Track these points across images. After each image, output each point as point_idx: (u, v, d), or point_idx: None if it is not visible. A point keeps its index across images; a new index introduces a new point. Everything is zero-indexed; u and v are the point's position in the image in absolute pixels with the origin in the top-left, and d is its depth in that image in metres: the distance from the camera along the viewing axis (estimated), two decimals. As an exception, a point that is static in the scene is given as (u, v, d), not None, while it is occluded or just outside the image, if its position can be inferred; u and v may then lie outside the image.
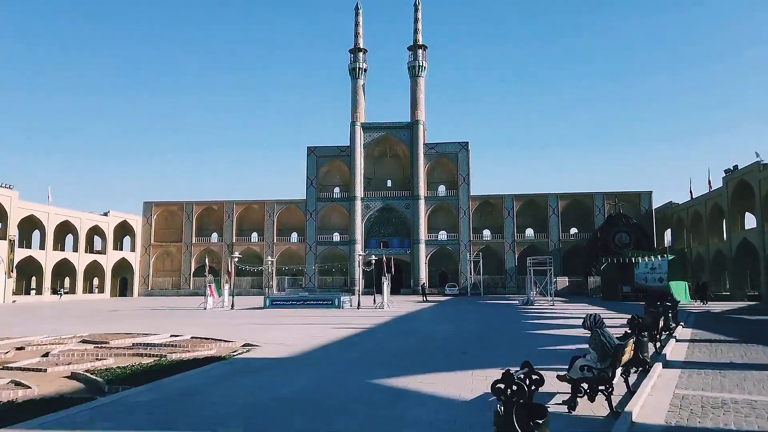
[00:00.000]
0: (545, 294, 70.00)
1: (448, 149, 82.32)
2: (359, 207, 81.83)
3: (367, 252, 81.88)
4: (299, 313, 35.16)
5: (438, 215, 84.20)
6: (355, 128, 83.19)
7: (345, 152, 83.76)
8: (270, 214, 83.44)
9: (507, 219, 79.66)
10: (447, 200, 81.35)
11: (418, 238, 79.91)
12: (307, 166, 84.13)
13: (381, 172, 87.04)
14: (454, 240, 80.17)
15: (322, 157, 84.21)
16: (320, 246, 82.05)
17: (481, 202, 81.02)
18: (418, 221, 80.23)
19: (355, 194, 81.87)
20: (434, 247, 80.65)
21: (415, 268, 79.46)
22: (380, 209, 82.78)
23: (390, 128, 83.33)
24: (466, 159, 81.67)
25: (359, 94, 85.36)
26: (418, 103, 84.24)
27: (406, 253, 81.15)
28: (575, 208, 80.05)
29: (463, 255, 78.89)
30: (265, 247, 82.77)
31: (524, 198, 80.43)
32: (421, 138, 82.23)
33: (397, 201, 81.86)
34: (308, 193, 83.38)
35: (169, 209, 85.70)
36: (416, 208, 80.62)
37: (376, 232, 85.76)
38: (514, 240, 79.08)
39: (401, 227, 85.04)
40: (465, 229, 79.85)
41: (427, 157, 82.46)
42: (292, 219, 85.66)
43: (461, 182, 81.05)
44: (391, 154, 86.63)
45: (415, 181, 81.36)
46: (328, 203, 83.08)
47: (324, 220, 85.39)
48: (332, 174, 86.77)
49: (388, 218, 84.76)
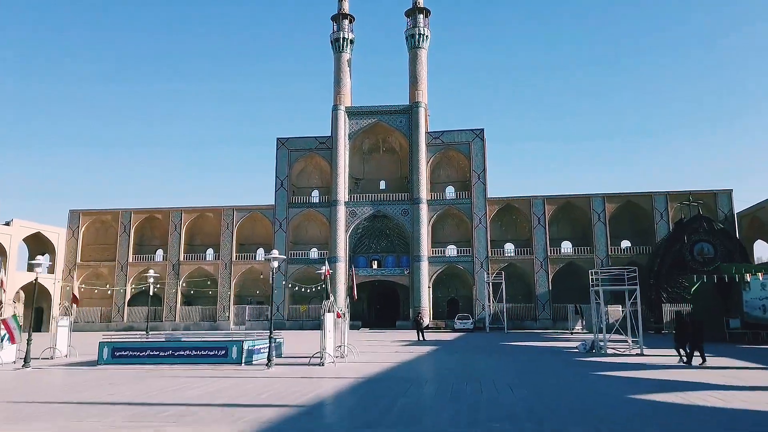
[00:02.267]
0: (586, 328, 51.37)
1: (457, 138, 64.58)
2: (342, 214, 63.98)
3: (354, 272, 63.76)
4: (149, 375, 17.50)
5: (445, 224, 66.08)
6: (337, 114, 65.85)
7: (325, 144, 66.31)
8: (228, 224, 65.81)
9: (536, 228, 61.31)
10: (457, 204, 63.28)
11: (419, 254, 61.73)
12: (277, 163, 66.71)
13: (372, 170, 69.40)
14: (467, 256, 61.86)
15: (297, 150, 66.80)
16: (292, 265, 64.09)
17: (501, 206, 62.84)
18: (419, 232, 62.14)
19: (337, 198, 64.11)
20: (441, 265, 62.32)
21: (415, 293, 61.12)
22: (370, 217, 64.86)
23: (383, 113, 65.90)
24: (482, 151, 63.83)
25: (344, 71, 68.26)
26: (419, 81, 66.90)
27: (403, 274, 62.92)
28: (628, 212, 61.61)
29: (479, 276, 60.50)
30: (221, 268, 64.94)
31: (559, 200, 62.17)
32: (423, 124, 64.66)
33: (392, 206, 63.94)
34: (277, 197, 65.78)
35: (101, 219, 68.40)
36: (417, 215, 62.63)
37: (366, 247, 67.71)
38: (547, 256, 60.61)
39: (398, 240, 66.95)
40: (481, 241, 61.61)
41: (431, 148, 64.74)
42: (258, 230, 67.98)
43: (475, 181, 63.09)
44: (384, 148, 69.04)
45: (415, 179, 63.53)
46: (303, 209, 65.36)
47: (298, 232, 67.58)
48: (309, 173, 69.20)
49: (380, 229, 66.75)
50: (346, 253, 63.63)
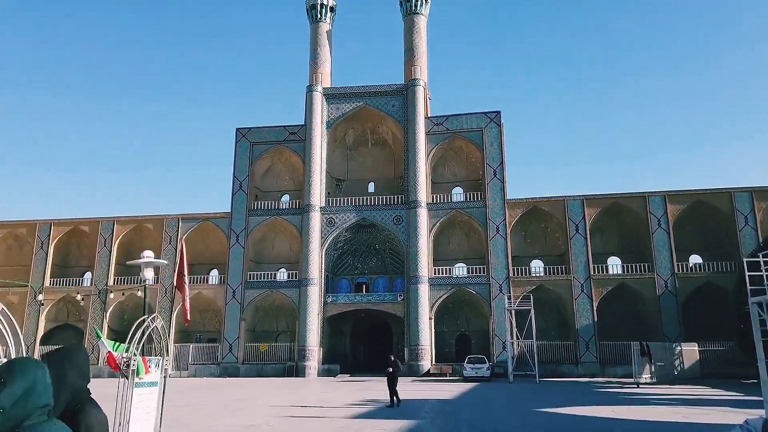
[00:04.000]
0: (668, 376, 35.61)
1: (466, 124, 50.09)
2: (317, 223, 49.37)
3: (332, 300, 48.93)
4: None
5: (452, 235, 51.15)
6: (312, 96, 51.90)
7: (297, 135, 52.23)
8: (171, 237, 51.47)
9: (574, 239, 46.06)
10: (467, 209, 48.38)
11: (417, 275, 46.64)
12: (235, 159, 52.67)
13: (358, 169, 55.03)
14: (481, 277, 46.63)
15: (261, 144, 52.76)
16: (252, 290, 49.33)
17: (525, 210, 47.80)
18: (416, 245, 47.20)
19: (310, 201, 49.62)
20: (446, 289, 47.08)
21: (412, 327, 45.86)
22: (354, 227, 50.16)
23: (370, 95, 51.81)
24: (498, 139, 49.20)
25: (321, 44, 54.61)
26: (416, 55, 52.94)
27: (397, 301, 47.80)
28: (697, 216, 46.21)
29: (498, 304, 45.21)
30: (159, 294, 50.30)
31: (603, 201, 46.99)
32: (421, 107, 50.41)
33: (382, 212, 49.23)
34: (235, 202, 51.47)
35: (14, 233, 54.53)
36: (414, 223, 47.80)
37: (349, 267, 52.92)
38: (589, 276, 45.17)
39: (390, 257, 52.11)
40: (499, 257, 46.46)
41: (433, 137, 50.30)
42: (211, 245, 53.59)
43: (490, 178, 48.31)
44: (374, 140, 54.76)
45: (412, 177, 48.94)
46: (267, 218, 50.86)
47: (262, 247, 53.04)
48: (278, 172, 54.97)
49: (367, 242, 51.97)
50: (321, 275, 48.75)
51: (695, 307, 43.44)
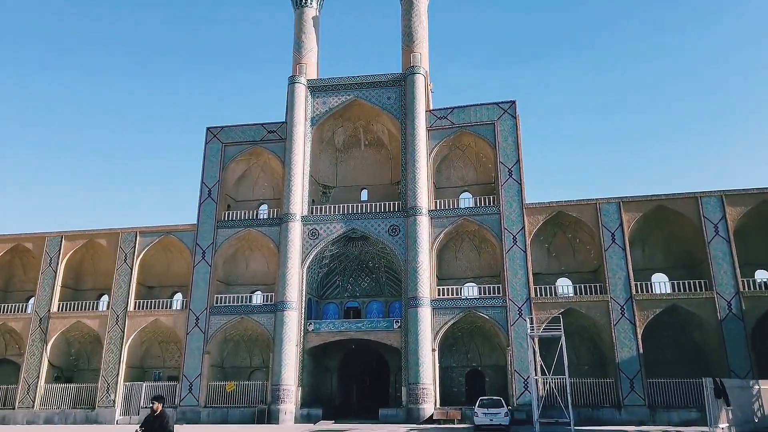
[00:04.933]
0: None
1: (475, 117, 42.22)
2: (297, 234, 41.34)
3: (314, 328, 40.51)
4: None
5: (460, 248, 42.86)
6: (295, 89, 44.54)
7: (277, 134, 44.68)
8: (128, 254, 43.62)
9: (610, 251, 37.51)
10: (477, 216, 40.09)
11: (417, 296, 38.17)
12: (205, 163, 45.13)
13: (349, 174, 47.21)
14: (496, 298, 38.04)
15: (236, 144, 45.23)
16: (220, 317, 41.07)
17: (548, 216, 39.39)
18: (416, 260, 38.89)
19: (289, 209, 41.70)
20: (452, 313, 38.47)
21: (411, 360, 37.22)
22: (342, 239, 42.04)
23: (363, 86, 44.32)
24: (514, 133, 41.22)
25: (307, 32, 47.54)
26: (416, 41, 45.59)
27: (392, 329, 39.27)
28: (763, 221, 37.48)
29: (518, 331, 36.60)
30: (110, 323, 42.21)
31: (645, 204, 38.50)
32: (422, 99, 42.77)
33: (375, 221, 41.12)
34: (202, 213, 43.69)
35: (-52, 251, 46.96)
36: (413, 234, 39.60)
37: (338, 288, 44.74)
38: (631, 296, 36.44)
39: (386, 275, 43.93)
40: (517, 273, 37.97)
41: (435, 134, 42.47)
42: (175, 264, 45.80)
43: (505, 179, 40.18)
44: (367, 141, 47.04)
45: (411, 179, 40.95)
46: (239, 230, 42.90)
47: (233, 265, 45.02)
48: (255, 178, 47.26)
49: (358, 258, 43.79)
50: (301, 297, 40.44)
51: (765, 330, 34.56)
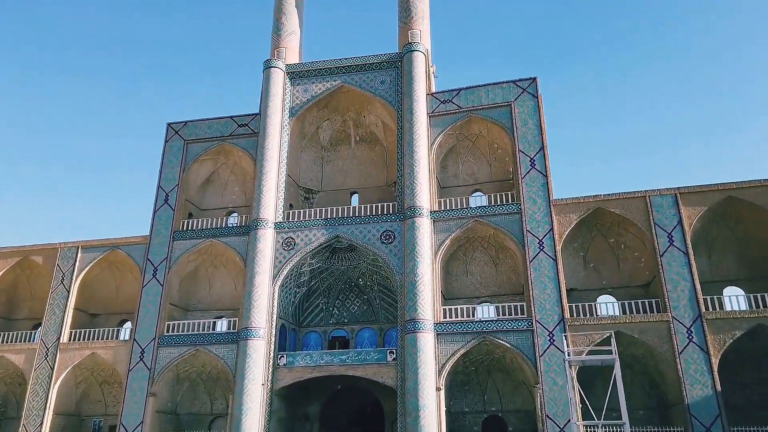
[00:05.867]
0: None
1: (487, 98, 34.42)
2: (269, 245, 33.32)
3: (286, 362, 32.07)
4: None
5: (471, 258, 34.44)
6: (271, 74, 37.39)
7: (248, 128, 37.29)
8: (66, 273, 35.88)
9: (668, 256, 28.83)
10: (492, 216, 31.72)
11: (416, 317, 29.62)
12: (162, 163, 37.85)
13: (337, 176, 39.44)
14: (520, 321, 29.31)
15: (199, 141, 37.91)
16: (171, 348, 32.85)
17: (584, 215, 30.86)
18: (415, 272, 30.49)
19: (260, 215, 33.76)
20: (462, 340, 29.68)
21: (410, 404, 28.37)
22: (324, 250, 33.92)
23: (351, 70, 37.00)
24: (536, 116, 33.23)
25: (288, 12, 40.82)
26: (414, 15, 38.47)
27: (386, 361, 30.56)
28: None
29: (549, 362, 27.84)
30: (39, 355, 34.15)
31: (711, 195, 29.80)
32: (422, 80, 35.26)
33: (365, 226, 33.00)
34: (156, 223, 36.02)
35: None
36: (411, 240, 31.33)
37: (321, 313, 36.44)
38: (700, 314, 27.51)
39: (380, 296, 35.54)
40: (546, 287, 29.35)
41: (439, 120, 34.72)
42: (125, 285, 37.90)
43: (526, 170, 32.02)
44: (358, 136, 39.44)
45: (408, 175, 32.91)
46: (199, 242, 34.97)
47: (192, 286, 37.04)
48: (224, 182, 39.70)
49: (345, 275, 35.54)
50: (271, 323, 32.09)
51: None
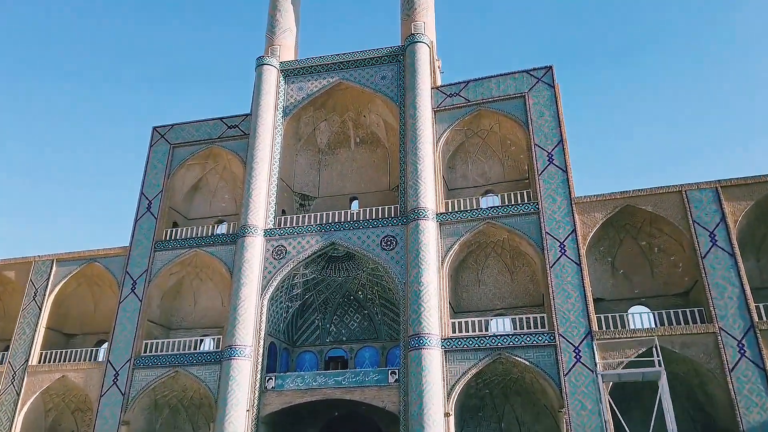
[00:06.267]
0: None
1: (498, 90, 31.18)
2: (258, 254, 30.03)
3: (275, 384, 28.43)
4: None
5: (483, 265, 30.76)
6: (263, 73, 34.66)
7: (239, 129, 34.39)
8: (39, 289, 32.80)
9: (711, 258, 24.98)
10: (506, 218, 28.15)
11: (420, 332, 25.94)
12: (146, 169, 35.06)
13: (336, 181, 36.24)
14: (541, 335, 25.48)
15: (186, 145, 35.09)
16: (147, 371, 29.40)
17: (610, 214, 27.16)
18: (419, 281, 26.93)
19: (248, 222, 30.55)
20: (474, 358, 25.83)
21: (414, 430, 24.30)
22: (319, 259, 30.55)
23: (350, 66, 34.13)
24: (553, 107, 29.90)
25: (283, 9, 38.30)
26: (417, 6, 35.74)
27: (387, 383, 26.76)
28: None
29: (575, 382, 23.82)
30: (6, 379, 30.94)
31: (760, 188, 25.95)
32: (426, 72, 32.26)
33: (364, 231, 29.54)
34: (137, 233, 32.99)
35: None
36: (415, 246, 27.85)
37: (317, 330, 33.01)
38: (752, 325, 23.58)
39: (382, 310, 31.94)
40: (570, 296, 25.56)
41: (445, 116, 31.55)
42: (102, 303, 34.78)
43: (544, 166, 28.54)
44: (359, 138, 36.37)
45: (412, 174, 29.60)
46: (183, 252, 31.78)
47: (175, 302, 33.84)
48: (211, 188, 36.70)
49: (343, 287, 32.08)
50: (258, 340, 28.57)
51: None
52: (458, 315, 28.82)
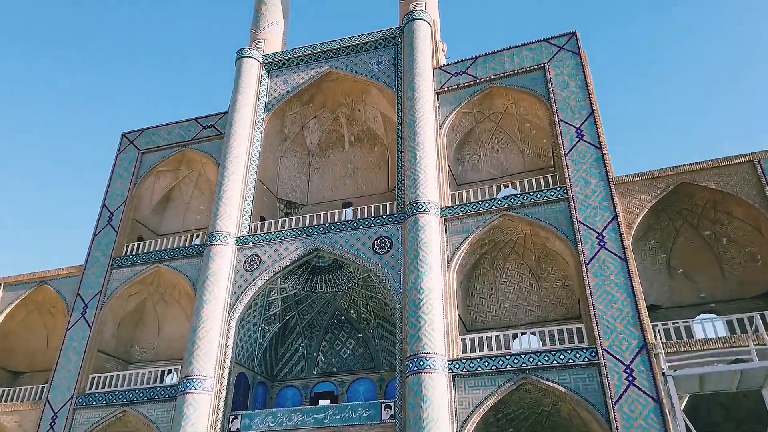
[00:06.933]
0: None
1: (513, 64, 26.09)
2: (227, 265, 24.75)
3: (240, 426, 22.47)
4: None
5: (501, 272, 24.73)
6: (243, 65, 30.42)
7: (214, 129, 29.94)
8: (-20, 317, 28.01)
9: (800, 241, 18.59)
10: (527, 208, 22.40)
11: (419, 352, 20.00)
12: (111, 179, 30.69)
13: (329, 183, 31.25)
14: (578, 352, 19.11)
15: (157, 150, 30.76)
16: (91, 411, 23.86)
17: (661, 194, 21.21)
18: (418, 289, 21.07)
19: (216, 228, 25.49)
20: (491, 383, 19.64)
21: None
22: (301, 270, 25.09)
23: (341, 53, 29.65)
24: (580, 76, 24.59)
25: (269, 2, 34.29)
26: (418, -16, 31.12)
27: (382, 421, 20.53)
28: None
29: (628, 413, 17.42)
30: (-73, 425, 25.62)
31: None
32: (427, 52, 27.42)
33: (353, 233, 24.06)
34: (94, 249, 28.18)
35: None
36: (414, 246, 22.30)
37: (302, 359, 26.93)
38: None
39: (378, 333, 25.91)
40: (615, 301, 19.46)
41: (449, 98, 26.45)
42: (56, 335, 29.62)
43: (572, 143, 22.92)
44: (354, 136, 31.45)
45: (411, 162, 24.28)
46: (144, 268, 26.72)
47: (135, 330, 28.57)
48: (185, 198, 31.99)
49: (331, 304, 26.39)
50: (221, 371, 22.87)
51: None
52: (470, 329, 22.84)
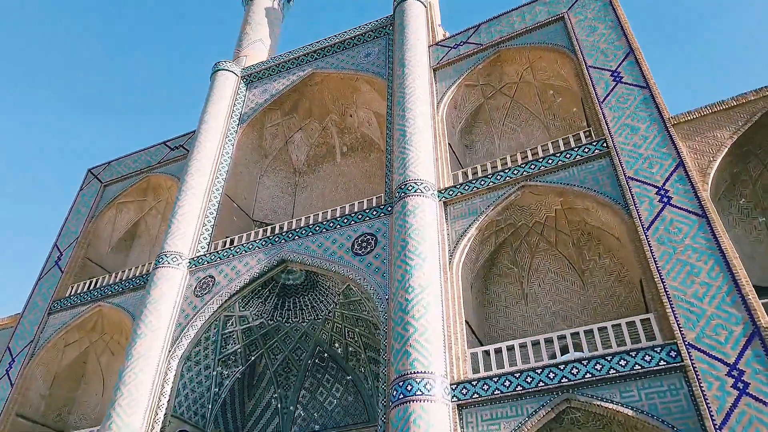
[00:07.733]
0: None
1: (524, 22, 20.98)
2: (173, 291, 19.20)
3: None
4: None
5: (525, 269, 18.00)
6: (216, 78, 26.55)
7: (183, 149, 25.61)
8: None
9: None
10: (554, 174, 16.29)
11: (407, 374, 13.37)
12: (68, 217, 26.43)
13: (317, 203, 25.64)
14: (650, 352, 12.18)
15: (120, 180, 26.60)
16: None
17: (744, 126, 14.56)
18: (406, 289, 14.84)
19: (166, 248, 20.26)
20: (518, 410, 12.61)
21: None
22: (266, 292, 19.13)
23: (326, 53, 25.33)
24: (611, 16, 19.09)
25: (255, 22, 31.18)
26: (411, -28, 27.02)
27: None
28: None
29: None
30: None
31: None
32: (422, 31, 22.73)
33: (327, 234, 18.30)
34: (35, 293, 23.39)
35: None
36: (401, 236, 16.36)
37: (277, 416, 20.12)
38: None
39: (370, 369, 19.04)
40: (697, 275, 12.66)
41: (447, 72, 21.37)
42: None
43: (607, 89, 16.99)
44: (346, 146, 26.36)
45: (400, 138, 18.83)
46: (84, 308, 21.47)
47: (74, 387, 22.61)
48: (151, 233, 27.13)
49: (308, 335, 19.93)
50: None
51: None
52: (489, 339, 16.05)
